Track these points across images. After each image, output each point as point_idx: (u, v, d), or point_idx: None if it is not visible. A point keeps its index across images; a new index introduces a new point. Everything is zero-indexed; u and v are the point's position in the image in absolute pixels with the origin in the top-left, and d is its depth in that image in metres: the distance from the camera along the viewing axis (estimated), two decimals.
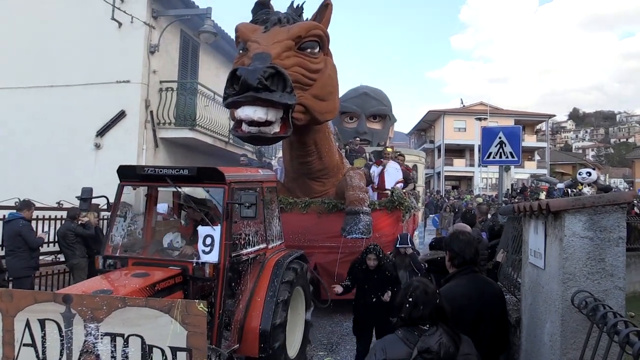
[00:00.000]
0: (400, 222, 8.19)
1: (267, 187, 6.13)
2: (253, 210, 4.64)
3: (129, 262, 5.06)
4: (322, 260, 7.84)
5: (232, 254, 4.91)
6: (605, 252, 2.80)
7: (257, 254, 5.59)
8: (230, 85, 5.66)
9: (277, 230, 6.29)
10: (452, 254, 3.55)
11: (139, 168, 5.19)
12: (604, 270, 2.79)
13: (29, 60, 11.88)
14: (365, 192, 8.11)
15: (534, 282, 3.52)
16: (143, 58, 11.30)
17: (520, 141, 8.60)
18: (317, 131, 7.65)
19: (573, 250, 2.82)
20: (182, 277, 4.80)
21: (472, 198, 25.08)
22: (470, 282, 3.46)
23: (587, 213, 2.81)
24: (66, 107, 11.53)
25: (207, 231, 4.93)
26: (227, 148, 13.58)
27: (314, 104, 6.60)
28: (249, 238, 5.44)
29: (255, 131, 5.93)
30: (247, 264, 5.36)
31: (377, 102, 14.93)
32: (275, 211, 6.35)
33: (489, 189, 39.76)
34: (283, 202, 8.00)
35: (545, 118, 52.72)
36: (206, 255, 4.86)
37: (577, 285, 2.79)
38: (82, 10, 11.63)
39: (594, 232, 2.80)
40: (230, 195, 4.89)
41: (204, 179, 5.00)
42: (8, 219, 7.42)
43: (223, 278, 4.77)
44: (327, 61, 6.98)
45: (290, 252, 6.15)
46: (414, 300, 2.65)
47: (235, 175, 5.24)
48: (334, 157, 8.51)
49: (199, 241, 4.93)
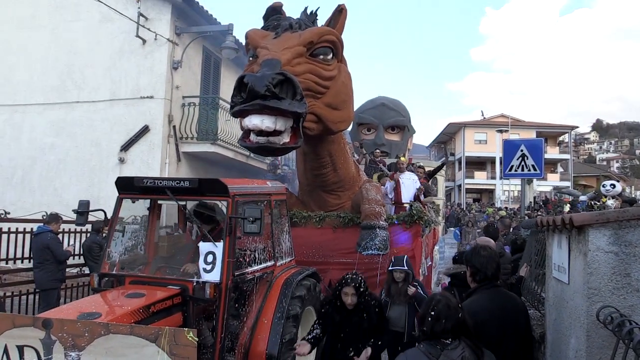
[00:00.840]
0: (419, 237, 7.80)
1: (276, 200, 5.80)
2: (257, 225, 4.32)
3: (126, 281, 4.75)
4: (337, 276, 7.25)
5: (235, 272, 4.59)
6: (630, 267, 2.76)
7: (264, 272, 5.25)
8: (237, 93, 5.41)
9: (286, 246, 5.94)
10: (473, 269, 3.53)
11: (138, 180, 4.88)
12: (629, 286, 2.76)
13: (56, 76, 12.24)
14: (382, 205, 7.82)
15: (558, 297, 3.48)
16: (166, 74, 11.53)
17: (542, 154, 8.55)
18: (332, 142, 7.38)
19: (598, 265, 2.79)
20: (182, 297, 4.47)
21: (494, 211, 24.83)
22: (492, 297, 3.44)
23: (611, 227, 2.79)
24: (92, 122, 11.84)
25: (208, 248, 4.63)
26: (249, 162, 13.71)
27: (327, 113, 6.33)
28: (255, 255, 5.11)
29: (263, 141, 5.64)
30: (252, 283, 5.02)
31: (395, 113, 14.70)
32: (285, 226, 6.03)
33: (510, 202, 39.24)
34: (297, 216, 7.84)
35: (567, 129, 52.05)
36: (207, 274, 4.54)
37: (603, 301, 2.75)
38: (108, 28, 11.96)
39: (618, 246, 2.77)
40: (234, 208, 4.60)
41: (205, 191, 4.77)
42: (37, 232, 7.60)
43: (225, 298, 4.47)
44: (341, 68, 6.71)
45: (301, 270, 5.80)
46: (436, 313, 2.65)
47: (239, 187, 4.95)
48: (349, 169, 8.25)
49: (200, 258, 4.64)
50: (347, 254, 7.41)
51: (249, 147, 6.00)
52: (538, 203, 26.14)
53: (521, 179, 9.26)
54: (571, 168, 50.49)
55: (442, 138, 53.99)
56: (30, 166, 12.06)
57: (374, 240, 7.17)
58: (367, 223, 7.32)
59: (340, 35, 6.72)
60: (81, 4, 12.06)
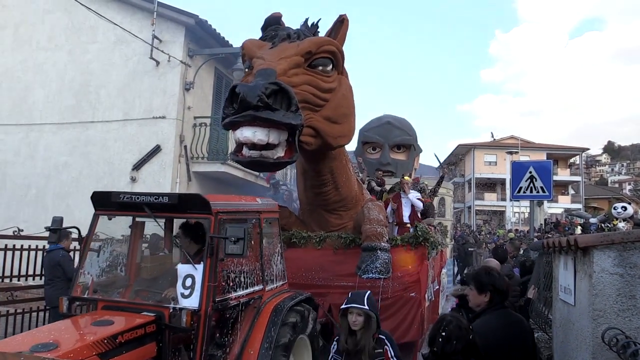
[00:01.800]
0: (425, 260, 7.32)
1: (267, 219, 5.36)
2: (240, 246, 3.95)
3: (99, 306, 4.35)
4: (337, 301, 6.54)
5: (216, 298, 4.14)
6: (636, 289, 2.78)
7: (252, 298, 4.77)
8: (229, 104, 5.11)
9: (278, 268, 5.48)
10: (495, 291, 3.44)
11: (115, 195, 4.50)
12: (635, 307, 2.77)
13: (71, 96, 12.52)
14: (385, 225, 7.36)
15: (564, 319, 3.49)
16: (179, 95, 11.74)
17: (551, 176, 8.54)
18: (333, 159, 6.99)
19: (603, 287, 2.81)
20: (157, 325, 4.03)
21: (504, 233, 24.67)
22: (501, 319, 3.45)
23: (616, 249, 2.82)
24: (105, 141, 12.06)
25: (187, 270, 4.22)
26: (258, 182, 13.82)
27: (326, 127, 5.98)
28: (240, 279, 4.63)
29: (256, 155, 5.28)
30: (238, 310, 4.56)
31: (401, 131, 14.32)
32: (277, 246, 5.58)
33: (521, 224, 38.94)
34: (296, 236, 7.47)
35: (578, 151, 51.79)
36: (185, 299, 4.13)
37: (608, 322, 2.77)
38: (123, 50, 12.26)
39: (623, 268, 2.80)
40: (217, 227, 4.21)
41: (186, 207, 4.38)
42: (49, 249, 7.70)
43: (205, 327, 4.03)
44: (342, 80, 6.37)
45: (294, 295, 5.35)
46: (447, 334, 2.66)
47: (223, 203, 4.55)
48: (352, 187, 7.81)
49: (178, 282, 4.22)
50: (348, 277, 6.97)
51: (241, 162, 5.63)
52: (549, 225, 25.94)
53: (530, 201, 9.24)
54: (582, 190, 50.10)
55: (452, 159, 53.92)
56: (45, 184, 12.27)
57: (375, 263, 6.78)
58: (367, 244, 6.94)
59: (342, 46, 6.45)
60: (97, 27, 12.38)
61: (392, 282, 6.67)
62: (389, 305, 6.58)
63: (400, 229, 8.80)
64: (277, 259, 5.49)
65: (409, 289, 6.73)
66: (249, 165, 5.84)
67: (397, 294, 6.65)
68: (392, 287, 6.63)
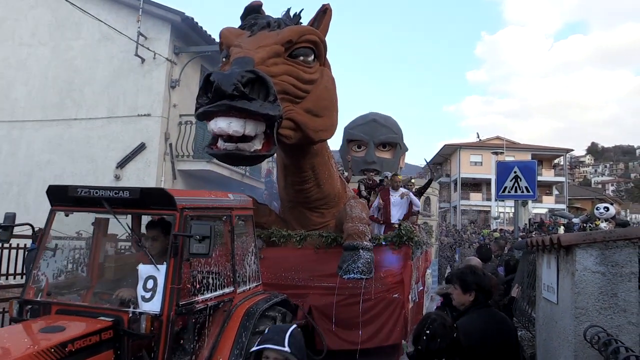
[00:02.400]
0: (409, 260, 7.03)
1: (239, 216, 5.01)
2: (206, 245, 3.64)
3: (53, 310, 3.95)
4: (318, 302, 6.60)
5: (180, 302, 3.81)
6: (617, 287, 2.80)
7: (221, 301, 4.42)
8: (203, 94, 4.85)
9: (252, 269, 5.08)
10: (480, 290, 3.47)
11: (72, 189, 4.11)
12: (616, 306, 2.79)
13: (54, 93, 12.35)
14: (367, 224, 7.07)
15: (547, 317, 3.51)
16: (164, 92, 11.64)
17: (535, 176, 8.62)
18: (315, 154, 6.75)
19: (585, 285, 2.82)
20: (115, 331, 3.68)
21: (489, 233, 24.88)
22: (486, 317, 3.46)
23: (598, 248, 2.83)
24: (89, 139, 11.92)
25: (148, 271, 3.88)
26: (244, 180, 13.75)
27: (307, 119, 5.71)
28: (208, 280, 4.30)
29: (231, 148, 5.02)
30: (205, 314, 4.21)
31: (386, 129, 14.11)
32: (251, 246, 5.18)
33: (506, 224, 39.29)
34: (275, 234, 7.18)
35: (562, 152, 52.37)
36: (146, 303, 3.80)
37: (590, 320, 2.78)
38: (107, 47, 12.12)
39: (605, 267, 2.81)
40: (182, 224, 3.88)
41: (150, 203, 4.03)
42: (30, 248, 7.59)
43: (167, 334, 3.68)
44: (324, 72, 6.11)
45: (269, 297, 5.03)
46: (431, 333, 2.66)
47: (190, 199, 4.22)
48: (334, 184, 7.57)
49: (139, 284, 3.87)
50: (329, 278, 6.67)
51: (216, 155, 5.36)
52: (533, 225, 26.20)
53: (515, 201, 9.31)
54: (566, 191, 50.68)
55: (438, 159, 54.21)
56: (26, 182, 12.09)
57: (357, 262, 6.46)
58: (349, 243, 6.62)
59: (324, 36, 6.20)
60: (82, 23, 12.22)
61: (375, 282, 6.45)
62: (371, 306, 6.42)
63: (387, 229, 8.50)
64: (251, 259, 5.12)
65: (392, 290, 6.55)
66: (224, 159, 5.56)
67: (379, 295, 6.45)
68: (374, 288, 6.43)
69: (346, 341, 6.33)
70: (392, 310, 6.44)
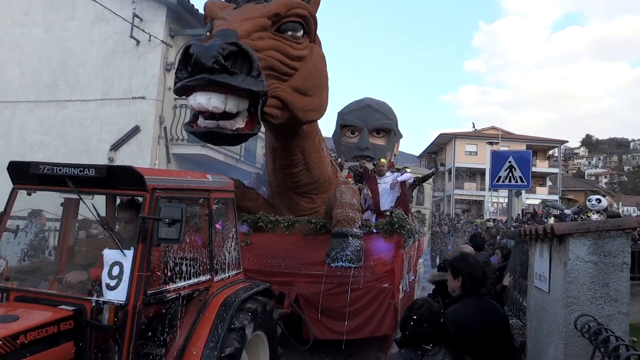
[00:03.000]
0: (400, 249, 6.78)
1: (218, 199, 4.66)
2: (176, 229, 3.37)
3: (11, 296, 3.68)
4: (305, 291, 6.40)
5: (148, 290, 3.50)
6: (609, 277, 2.81)
7: (196, 290, 4.11)
8: (182, 67, 4.55)
9: (232, 256, 4.76)
10: (465, 277, 3.52)
11: (34, 166, 3.86)
12: (607, 295, 2.80)
13: (48, 74, 12.21)
14: (357, 210, 6.79)
15: (539, 306, 3.52)
16: (159, 75, 11.54)
17: (530, 166, 8.64)
18: (305, 137, 6.48)
19: (577, 274, 2.84)
20: (76, 322, 3.39)
21: (482, 222, 24.98)
22: (476, 305, 3.49)
23: (591, 237, 2.84)
24: (82, 121, 11.83)
25: (114, 256, 3.59)
26: (239, 165, 13.71)
27: (295, 98, 5.41)
28: (182, 267, 3.97)
29: (212, 126, 4.71)
30: (178, 304, 3.90)
31: (381, 115, 13.61)
32: (231, 231, 4.84)
33: (499, 214, 39.46)
34: (263, 219, 6.92)
35: (557, 144, 52.50)
36: (111, 291, 3.49)
37: (581, 310, 2.80)
38: (102, 28, 11.97)
39: (598, 256, 2.82)
40: (152, 206, 3.57)
41: (118, 182, 3.71)
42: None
43: (132, 325, 3.40)
44: (314, 49, 5.81)
45: (249, 286, 4.69)
46: (418, 318, 2.68)
47: (163, 179, 3.87)
48: (325, 169, 7.25)
49: (104, 271, 3.58)
50: (317, 265, 6.42)
51: (196, 133, 5.02)
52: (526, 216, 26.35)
53: (508, 191, 9.34)
54: (560, 182, 50.90)
55: (433, 148, 54.23)
56: None
57: (346, 250, 6.22)
58: (338, 230, 6.35)
59: (315, 11, 5.89)
60: (76, 3, 12.06)
61: (364, 271, 6.27)
62: (359, 296, 6.25)
63: (378, 217, 8.23)
64: (231, 245, 4.77)
65: (382, 279, 6.35)
66: (204, 137, 5.22)
67: (369, 284, 6.27)
68: (363, 277, 6.27)
69: (333, 331, 6.17)
70: (382, 300, 6.25)
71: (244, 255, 6.34)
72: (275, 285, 6.12)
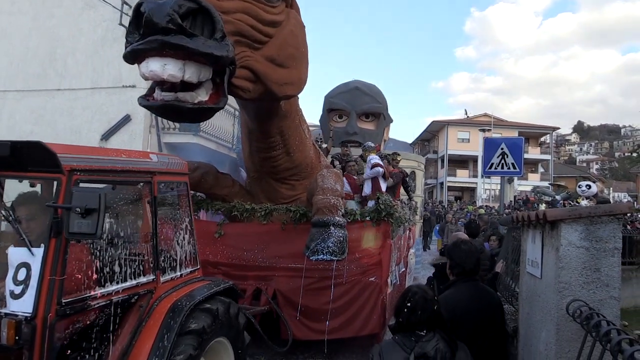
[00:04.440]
0: (388, 239, 6.24)
1: (165, 183, 3.88)
2: (92, 221, 2.66)
3: None
4: (284, 286, 5.84)
5: (62, 299, 2.80)
6: (600, 262, 2.82)
7: (135, 294, 3.36)
8: (133, 29, 3.88)
9: (185, 251, 4.03)
10: (452, 262, 3.60)
11: None
12: (599, 280, 2.82)
13: (36, 63, 12.08)
14: (340, 196, 6.10)
15: (531, 292, 3.54)
16: None
17: (522, 152, 8.65)
18: (283, 117, 5.89)
19: (569, 260, 2.84)
20: None
21: (474, 209, 25.12)
22: (470, 291, 3.52)
23: (583, 223, 2.84)
24: (72, 110, 11.73)
25: (20, 256, 2.86)
26: (231, 154, 13.64)
27: (268, 69, 4.73)
28: (113, 267, 3.22)
29: (170, 98, 3.99)
30: (108, 314, 3.14)
31: (370, 98, 12.86)
32: (185, 221, 4.10)
33: (491, 200, 39.70)
34: (238, 208, 6.38)
35: (549, 130, 52.72)
36: (15, 301, 2.79)
37: (573, 295, 2.81)
38: (90, 16, 11.83)
39: (589, 242, 2.83)
40: (67, 193, 2.85)
41: (25, 162, 2.95)
42: None
43: (43, 345, 2.70)
44: (290, 14, 5.16)
45: (207, 285, 4.00)
46: (412, 305, 2.69)
47: (84, 158, 3.06)
48: (306, 153, 6.69)
49: (9, 274, 2.88)
50: (297, 258, 5.85)
51: (150, 107, 4.27)
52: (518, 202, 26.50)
53: (501, 177, 9.37)
54: (552, 168, 51.18)
55: (426, 136, 54.30)
56: None
57: (327, 241, 5.60)
58: (318, 219, 5.73)
59: None
60: None
61: (349, 264, 5.79)
62: (344, 292, 5.79)
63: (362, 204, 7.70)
64: (185, 238, 4.07)
65: (369, 272, 5.91)
66: (160, 112, 4.41)
67: (354, 278, 5.83)
68: (348, 271, 5.79)
69: (315, 331, 5.74)
70: (368, 296, 5.83)
71: (216, 247, 6.15)
72: (251, 280, 5.89)
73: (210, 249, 6.12)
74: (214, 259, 6.09)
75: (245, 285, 5.82)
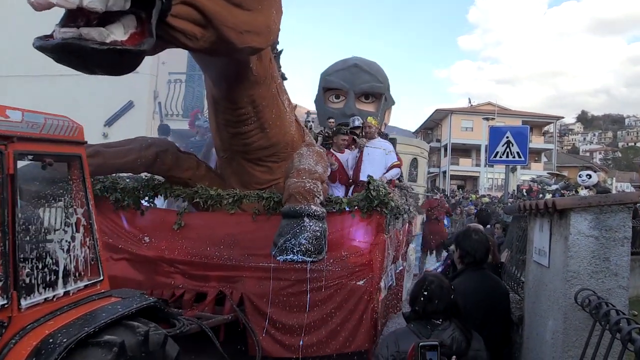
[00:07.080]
0: (382, 234, 5.14)
1: (32, 154, 2.85)
2: None
3: None
4: (253, 289, 4.77)
5: None
6: (610, 252, 2.80)
7: None
8: None
9: (78, 258, 2.90)
10: (462, 252, 3.60)
11: None
12: (608, 270, 2.80)
13: None
14: (319, 180, 4.91)
15: (537, 280, 3.53)
16: None
17: (527, 141, 8.64)
18: (255, 82, 4.86)
19: (578, 249, 2.82)
20: None
21: (477, 198, 25.09)
22: (478, 280, 3.56)
23: (593, 212, 2.82)
24: (75, 96, 11.67)
25: None
26: None
27: (223, 10, 3.60)
28: None
29: (70, 36, 3.01)
30: None
31: (370, 77, 11.44)
32: (76, 213, 3.08)
33: (494, 190, 39.69)
34: (201, 194, 5.31)
35: (553, 120, 52.55)
36: None
37: (581, 284, 2.79)
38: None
39: (599, 231, 2.81)
40: None
41: None
42: None
43: None
44: None
45: (113, 305, 2.87)
46: (429, 294, 2.71)
47: None
48: (286, 129, 5.65)
49: None
50: (269, 257, 4.73)
51: (45, 49, 3.27)
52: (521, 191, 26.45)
53: (505, 166, 9.34)
54: (555, 158, 51.09)
55: (429, 124, 54.16)
56: None
57: (299, 237, 4.48)
58: (289, 208, 4.61)
59: None
60: None
61: (332, 265, 4.68)
62: (325, 299, 4.65)
63: (355, 189, 6.59)
64: (76, 239, 2.91)
65: (356, 274, 4.70)
66: (57, 55, 3.29)
67: (337, 281, 4.66)
68: (330, 272, 4.65)
69: (288, 347, 4.64)
70: (356, 304, 4.66)
71: (174, 241, 5.07)
72: (214, 282, 4.88)
73: (167, 243, 5.09)
74: (170, 256, 5.02)
75: (206, 288, 4.88)
